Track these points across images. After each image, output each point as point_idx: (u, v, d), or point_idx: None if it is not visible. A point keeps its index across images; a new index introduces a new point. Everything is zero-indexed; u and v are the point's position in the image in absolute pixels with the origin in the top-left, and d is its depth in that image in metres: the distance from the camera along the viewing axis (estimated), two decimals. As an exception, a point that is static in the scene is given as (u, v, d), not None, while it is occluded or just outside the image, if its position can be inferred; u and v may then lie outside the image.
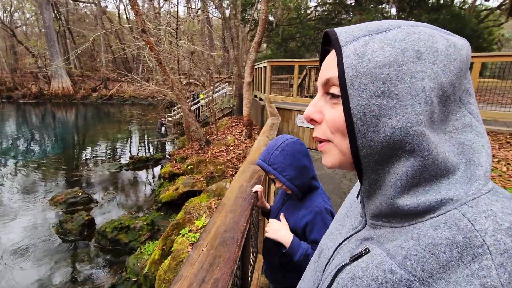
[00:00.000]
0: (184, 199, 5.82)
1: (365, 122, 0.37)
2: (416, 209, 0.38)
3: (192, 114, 8.50)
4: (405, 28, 0.39)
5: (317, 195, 1.20)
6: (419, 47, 0.37)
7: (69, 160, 10.61)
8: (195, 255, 0.91)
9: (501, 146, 4.00)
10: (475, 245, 0.31)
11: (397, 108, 0.36)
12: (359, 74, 0.38)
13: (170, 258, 3.28)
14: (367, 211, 0.46)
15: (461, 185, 0.37)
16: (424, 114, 0.36)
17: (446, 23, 14.43)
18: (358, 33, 0.40)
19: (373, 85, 0.37)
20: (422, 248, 0.34)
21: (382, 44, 0.38)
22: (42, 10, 24.95)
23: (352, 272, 0.41)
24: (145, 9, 22.45)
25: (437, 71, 0.37)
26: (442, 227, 0.35)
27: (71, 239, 5.47)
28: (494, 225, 0.32)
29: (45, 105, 24.57)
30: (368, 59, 0.37)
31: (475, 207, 0.35)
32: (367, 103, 0.37)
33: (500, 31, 21.81)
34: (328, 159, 0.45)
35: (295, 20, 18.92)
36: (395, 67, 0.37)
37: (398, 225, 0.40)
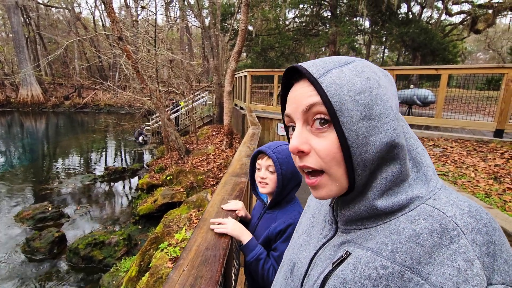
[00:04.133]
0: (163, 211, 5.63)
1: (359, 145, 0.41)
2: (391, 208, 0.43)
3: (171, 123, 8.33)
4: (358, 62, 0.45)
5: (294, 207, 1.21)
6: (376, 76, 0.44)
7: (38, 172, 9.97)
8: (175, 277, 0.86)
9: (469, 153, 4.24)
10: (450, 229, 0.37)
11: (379, 127, 0.41)
12: (345, 102, 0.41)
13: (148, 275, 3.13)
14: (340, 218, 0.49)
15: (420, 185, 0.44)
16: (398, 128, 0.43)
17: (415, 36, 15.34)
18: (327, 66, 0.44)
19: (357, 110, 0.41)
20: (406, 240, 0.39)
21: (351, 75, 0.43)
22: (9, 14, 23.69)
23: (341, 276, 0.43)
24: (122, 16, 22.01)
25: (389, 94, 0.44)
26: (418, 219, 0.40)
27: (39, 258, 5.08)
28: (459, 211, 0.38)
29: (12, 114, 23.08)
30: (347, 88, 0.42)
31: (438, 199, 0.41)
32: (357, 127, 0.41)
33: (463, 45, 23.52)
34: (324, 193, 0.46)
35: (274, 30, 19.31)
36: (368, 93, 0.42)
37: (372, 225, 0.44)
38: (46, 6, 29.26)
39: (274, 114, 7.57)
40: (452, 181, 3.26)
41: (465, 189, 3.00)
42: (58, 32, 29.03)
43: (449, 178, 3.33)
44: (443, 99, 5.62)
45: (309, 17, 19.72)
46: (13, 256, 5.13)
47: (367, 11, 15.28)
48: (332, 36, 16.55)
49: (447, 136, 5.17)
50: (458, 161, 3.96)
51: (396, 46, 21.03)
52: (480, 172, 3.50)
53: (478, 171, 3.55)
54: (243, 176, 1.83)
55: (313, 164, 0.44)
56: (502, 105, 4.85)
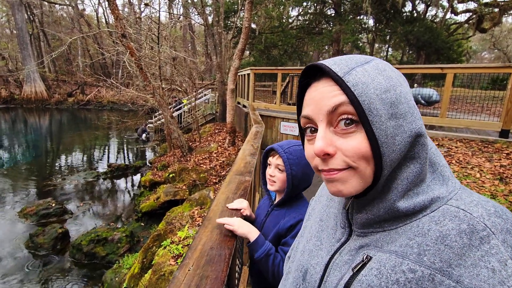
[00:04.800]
0: (166, 208, 5.64)
1: (388, 144, 0.40)
2: (413, 209, 0.41)
3: (174, 121, 8.33)
4: (377, 61, 0.44)
5: (303, 204, 1.22)
6: (396, 75, 0.43)
7: (41, 168, 10.03)
8: (181, 276, 0.85)
9: (474, 153, 4.20)
10: (480, 229, 0.36)
11: (404, 126, 0.41)
12: (373, 101, 0.40)
13: (151, 272, 3.14)
14: (356, 221, 0.47)
15: (438, 185, 0.43)
16: (422, 125, 0.42)
17: (420, 35, 15.21)
18: (350, 64, 0.42)
19: (384, 109, 0.40)
20: (433, 242, 0.37)
21: (375, 73, 0.42)
22: (14, 11, 23.78)
23: (365, 282, 0.41)
24: (126, 13, 22.01)
25: (408, 91, 0.43)
26: (443, 220, 0.38)
27: (43, 253, 5.12)
28: (485, 211, 0.37)
29: (15, 110, 23.22)
30: (373, 87, 0.41)
31: (461, 200, 0.40)
32: (386, 126, 0.40)
33: (468, 44, 23.29)
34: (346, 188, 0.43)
35: (278, 28, 19.22)
36: (392, 92, 0.41)
37: (392, 227, 0.43)
38: (50, 3, 29.30)
39: (277, 113, 7.54)
40: (457, 181, 3.23)
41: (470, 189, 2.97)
42: (61, 29, 29.12)
43: (454, 179, 3.30)
44: (448, 99, 5.57)
45: (312, 15, 19.60)
46: (17, 251, 5.17)
47: (371, 9, 15.15)
48: (335, 34, 16.45)
49: (452, 136, 5.12)
50: (463, 161, 3.93)
51: (400, 44, 20.87)
52: (485, 173, 3.46)
53: (484, 171, 3.51)
54: (247, 175, 1.82)
55: (340, 165, 0.43)
56: (508, 105, 4.80)
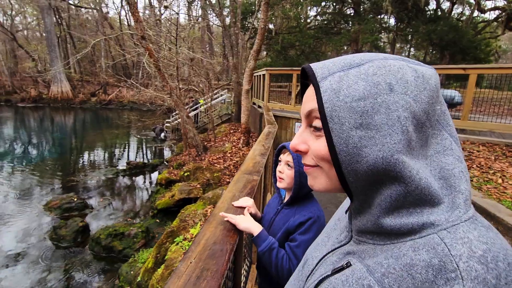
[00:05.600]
0: (180, 206, 5.78)
1: (348, 153, 0.39)
2: (399, 230, 0.40)
3: (190, 121, 8.50)
4: (376, 62, 0.41)
5: (312, 203, 1.23)
6: (391, 80, 0.39)
7: (65, 165, 10.55)
8: (183, 268, 0.89)
9: (497, 157, 4.01)
10: (449, 270, 0.33)
11: (376, 139, 0.38)
12: (337, 108, 0.39)
13: (164, 267, 3.23)
14: (353, 227, 0.48)
15: (443, 211, 0.38)
16: (402, 142, 0.38)
17: (443, 35, 14.64)
18: (333, 69, 0.42)
19: (351, 118, 0.39)
20: (400, 267, 0.36)
21: (356, 79, 0.40)
22: (43, 15, 25.15)
23: (332, 284, 0.43)
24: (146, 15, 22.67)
25: (409, 101, 0.38)
26: (421, 249, 0.36)
27: (65, 245, 5.40)
28: (468, 252, 0.34)
29: (43, 109, 24.54)
30: (344, 94, 0.39)
31: (454, 233, 0.36)
32: (348, 135, 0.39)
33: (497, 43, 22.14)
34: (316, 184, 0.47)
35: (295, 28, 19.13)
36: (370, 100, 0.38)
37: (380, 243, 0.42)
38: (76, 7, 30.73)
39: (292, 113, 7.52)
40: (476, 186, 3.10)
41: (490, 195, 2.84)
42: (86, 31, 30.43)
43: (473, 184, 3.17)
44: (471, 100, 5.34)
45: (331, 15, 19.36)
46: (41, 242, 5.48)
47: (392, 8, 14.77)
48: (354, 34, 16.16)
49: (474, 139, 4.91)
50: (485, 166, 3.76)
51: (422, 44, 20.17)
52: (508, 178, 3.30)
53: (506, 177, 3.35)
54: (256, 174, 1.85)
55: (310, 162, 0.46)
56: (537, 107, 4.54)
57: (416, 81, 0.39)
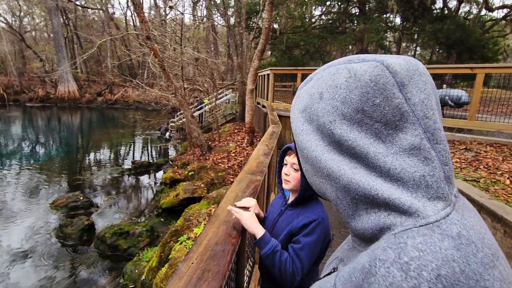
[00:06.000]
0: (185, 205, 5.80)
1: (300, 154, 0.49)
2: (363, 233, 0.41)
3: (194, 120, 8.54)
4: (318, 75, 0.46)
5: (317, 205, 1.22)
6: (322, 89, 0.43)
7: (72, 163, 10.67)
8: (184, 269, 0.89)
9: (505, 158, 3.94)
10: (372, 273, 0.34)
11: (312, 141, 0.44)
12: (292, 119, 0.50)
13: (167, 266, 3.25)
14: None
15: (400, 215, 0.37)
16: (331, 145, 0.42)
17: (450, 33, 14.46)
18: (299, 88, 0.50)
19: (296, 126, 0.48)
20: (349, 271, 0.39)
21: (304, 93, 0.47)
22: (51, 16, 25.47)
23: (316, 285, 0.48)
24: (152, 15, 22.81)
25: (336, 105, 0.41)
26: (365, 253, 0.38)
27: (71, 243, 5.46)
28: (394, 258, 0.33)
29: (51, 109, 24.87)
30: (295, 108, 0.49)
31: (398, 238, 0.35)
32: (297, 140, 0.48)
33: (505, 42, 21.78)
34: None
35: (300, 28, 19.07)
36: (308, 110, 0.45)
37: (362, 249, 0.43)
38: (83, 8, 31.07)
39: (296, 113, 7.49)
40: (483, 187, 3.05)
41: (497, 197, 2.79)
42: (93, 32, 30.75)
43: (481, 185, 3.12)
44: (478, 100, 5.26)
45: (336, 14, 19.25)
46: (48, 240, 5.55)
47: (397, 7, 14.63)
48: (359, 33, 16.04)
49: (481, 140, 4.84)
50: (492, 166, 3.70)
51: (429, 43, 19.95)
52: (516, 180, 3.24)
53: (515, 178, 3.29)
54: (259, 174, 1.84)
55: None
56: (546, 107, 4.45)
57: (347, 83, 0.40)
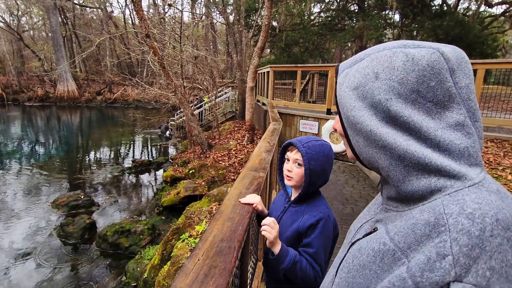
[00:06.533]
0: (185, 203, 5.81)
1: (351, 128, 0.52)
2: (412, 196, 0.47)
3: (194, 118, 8.52)
4: (371, 56, 0.50)
5: (321, 201, 1.21)
6: (378, 69, 0.48)
7: (72, 163, 10.66)
8: (190, 265, 0.89)
9: (506, 153, 3.94)
10: (441, 224, 0.41)
11: (365, 117, 0.49)
12: (341, 96, 0.53)
13: (170, 264, 3.25)
14: (383, 196, 0.57)
15: (449, 179, 0.44)
16: (385, 119, 0.47)
17: (449, 30, 14.41)
18: (344, 66, 0.54)
19: (348, 102, 0.51)
20: (407, 227, 0.45)
21: (354, 73, 0.51)
22: (49, 14, 25.34)
23: (360, 244, 0.55)
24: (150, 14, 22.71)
25: (393, 85, 0.46)
26: (425, 211, 0.44)
27: (72, 242, 5.46)
28: (459, 210, 0.40)
29: (50, 108, 24.81)
30: (345, 85, 0.52)
31: (454, 197, 0.43)
32: (347, 115, 0.52)
33: (504, 38, 21.74)
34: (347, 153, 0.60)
35: (299, 25, 18.99)
36: (361, 88, 0.49)
37: (401, 210, 0.50)
38: (81, 6, 30.91)
39: (296, 110, 7.49)
40: (485, 183, 3.05)
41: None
42: (92, 31, 30.60)
43: (482, 181, 3.12)
44: (478, 96, 5.26)
45: (335, 11, 19.16)
46: (49, 239, 5.55)
47: (397, 3, 14.56)
48: (358, 30, 15.98)
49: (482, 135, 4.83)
50: (494, 162, 3.70)
51: (428, 40, 19.85)
52: (518, 175, 3.24)
53: (516, 174, 3.29)
54: (262, 171, 1.84)
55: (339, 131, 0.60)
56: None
57: (404, 66, 0.46)
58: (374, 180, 5.19)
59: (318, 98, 10.25)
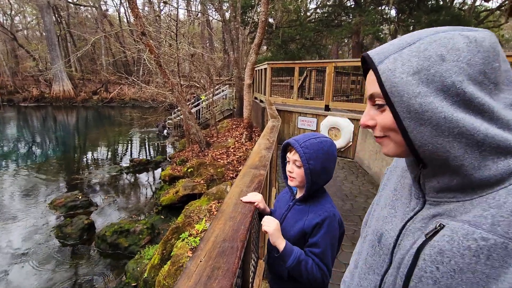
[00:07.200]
0: (184, 202, 5.78)
1: (412, 118, 0.46)
2: (488, 181, 0.44)
3: (192, 117, 8.47)
4: (427, 39, 0.47)
5: (326, 200, 1.19)
6: (441, 51, 0.45)
7: (69, 163, 10.58)
8: (193, 267, 0.86)
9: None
10: None
11: (435, 103, 0.44)
12: (395, 84, 0.47)
13: (170, 263, 3.23)
14: (428, 190, 0.52)
15: None
16: (459, 103, 0.44)
17: (445, 24, 14.41)
18: (388, 52, 0.49)
19: (409, 89, 0.45)
20: (508, 213, 0.41)
21: (409, 57, 0.46)
22: (43, 14, 25.04)
23: (437, 247, 0.46)
24: (146, 12, 22.51)
25: (462, 66, 0.43)
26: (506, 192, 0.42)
27: (71, 243, 5.43)
28: None
29: (46, 108, 24.59)
30: (400, 71, 0.46)
31: None
32: (408, 104, 0.46)
33: (500, 32, 21.79)
34: (387, 150, 0.55)
35: (295, 22, 18.92)
36: (425, 72, 0.45)
37: (466, 198, 0.46)
38: (75, 5, 30.57)
39: (294, 107, 7.46)
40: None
41: None
42: (86, 29, 30.30)
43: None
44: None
45: (331, 7, 19.11)
46: (48, 240, 5.51)
47: (393, -2, 14.54)
48: (355, 26, 15.95)
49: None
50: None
51: (425, 35, 19.87)
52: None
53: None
54: (262, 169, 1.82)
55: (378, 134, 0.55)
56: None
57: (468, 47, 0.44)
58: (373, 176, 5.19)
59: (316, 94, 10.23)
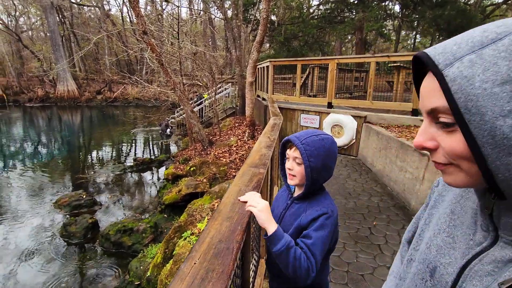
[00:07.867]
0: (187, 201, 5.78)
1: (496, 145, 0.34)
2: None
3: (195, 115, 8.47)
4: None
5: (325, 197, 1.17)
6: None
7: (74, 162, 10.67)
8: (186, 269, 0.84)
9: None
10: None
11: None
12: (474, 98, 0.34)
13: (172, 262, 3.23)
14: (504, 226, 0.41)
15: None
16: None
17: (451, 19, 14.21)
18: (459, 52, 0.36)
19: (495, 105, 0.33)
20: None
21: (495, 59, 0.33)
22: (46, 14, 25.22)
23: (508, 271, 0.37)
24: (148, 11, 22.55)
25: None
26: None
27: (75, 242, 5.47)
28: None
29: (51, 108, 24.83)
30: (481, 80, 0.34)
31: None
32: (493, 126, 0.33)
33: (507, 26, 21.41)
34: (453, 180, 0.42)
35: (298, 19, 18.79)
36: None
37: None
38: (79, 5, 30.74)
39: (297, 105, 7.41)
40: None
41: None
42: (90, 29, 30.45)
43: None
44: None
45: (334, 4, 18.92)
46: (52, 239, 5.56)
47: (397, -7, 14.34)
48: (358, 22, 15.78)
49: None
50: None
51: (429, 30, 19.62)
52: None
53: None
54: (262, 167, 1.79)
55: (442, 160, 0.41)
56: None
57: None
58: (377, 173, 5.13)
59: (319, 92, 10.15)
